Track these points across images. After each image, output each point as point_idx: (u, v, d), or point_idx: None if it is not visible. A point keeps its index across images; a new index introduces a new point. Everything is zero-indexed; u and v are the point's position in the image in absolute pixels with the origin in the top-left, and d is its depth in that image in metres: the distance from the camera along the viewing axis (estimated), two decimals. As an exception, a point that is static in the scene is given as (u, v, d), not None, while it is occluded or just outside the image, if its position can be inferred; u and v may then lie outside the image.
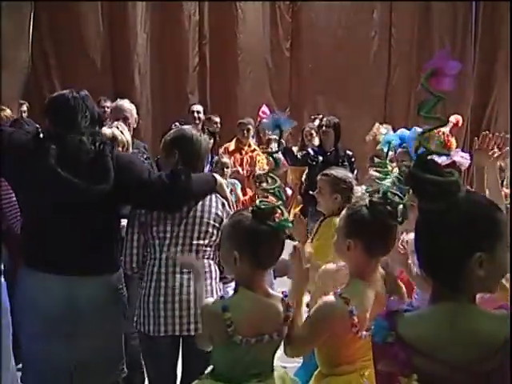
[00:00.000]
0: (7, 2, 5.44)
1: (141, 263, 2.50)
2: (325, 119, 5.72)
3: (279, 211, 1.91)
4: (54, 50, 7.76)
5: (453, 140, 5.49)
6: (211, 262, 2.51)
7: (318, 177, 3.28)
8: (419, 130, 4.92)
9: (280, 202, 1.92)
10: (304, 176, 5.70)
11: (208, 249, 2.51)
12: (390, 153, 2.62)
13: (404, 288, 2.27)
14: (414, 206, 2.31)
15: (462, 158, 5.37)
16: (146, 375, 2.70)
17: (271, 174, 2.00)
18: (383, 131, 5.14)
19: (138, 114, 4.44)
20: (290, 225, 1.93)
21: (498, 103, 9.27)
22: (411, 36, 9.43)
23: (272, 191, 1.95)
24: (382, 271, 2.16)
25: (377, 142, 5.24)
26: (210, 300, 2.03)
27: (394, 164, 4.58)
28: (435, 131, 5.16)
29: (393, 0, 9.26)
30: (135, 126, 4.33)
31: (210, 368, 2.02)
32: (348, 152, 5.52)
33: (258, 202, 1.91)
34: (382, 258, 2.11)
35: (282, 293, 2.01)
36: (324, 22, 9.19)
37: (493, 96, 9.36)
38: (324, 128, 5.49)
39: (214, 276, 2.49)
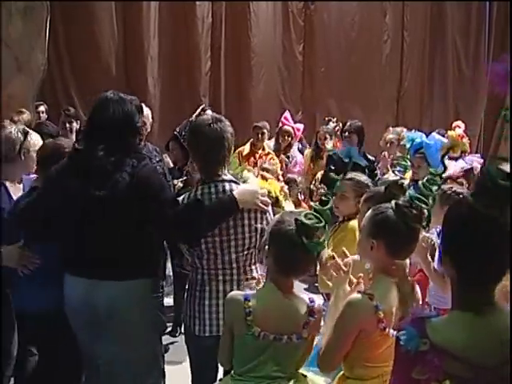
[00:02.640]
0: (24, 5, 5.51)
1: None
2: (348, 123, 5.68)
3: (320, 232, 1.97)
4: (69, 53, 7.81)
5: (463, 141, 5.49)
6: (257, 266, 2.60)
7: (341, 181, 3.27)
8: (438, 136, 4.88)
9: (323, 224, 1.98)
10: (316, 180, 5.67)
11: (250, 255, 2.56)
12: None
13: (419, 294, 2.27)
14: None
15: (478, 163, 5.39)
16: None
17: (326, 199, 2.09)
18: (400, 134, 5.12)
19: (152, 117, 4.49)
20: (322, 248, 1.98)
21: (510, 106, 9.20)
22: (424, 39, 9.41)
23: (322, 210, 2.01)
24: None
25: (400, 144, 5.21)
26: (235, 291, 2.16)
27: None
28: (456, 135, 5.07)
29: (405, 0, 9.24)
30: (149, 129, 4.37)
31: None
32: (370, 157, 5.44)
33: (303, 215, 1.97)
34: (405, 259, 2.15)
35: (309, 298, 2.06)
36: (336, 25, 9.18)
37: (507, 99, 9.29)
38: (347, 133, 5.46)
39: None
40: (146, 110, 4.25)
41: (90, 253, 2.44)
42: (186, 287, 2.73)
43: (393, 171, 4.69)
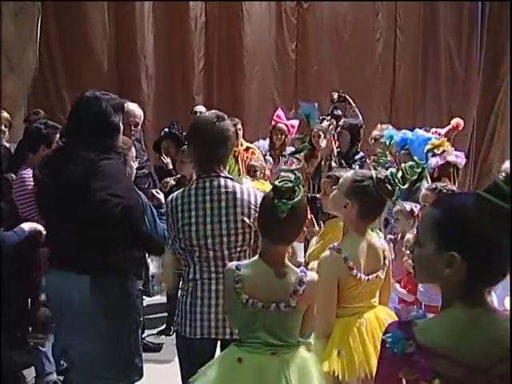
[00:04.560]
0: (15, 5, 5.49)
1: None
2: (342, 120, 5.68)
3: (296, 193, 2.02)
4: (61, 53, 7.78)
5: (446, 141, 5.51)
6: None
7: (323, 179, 3.33)
8: (421, 131, 4.97)
9: (297, 184, 2.04)
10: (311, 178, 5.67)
11: (244, 252, 2.52)
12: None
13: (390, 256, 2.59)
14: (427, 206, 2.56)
15: (456, 157, 5.40)
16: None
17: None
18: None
19: (144, 115, 4.48)
20: (289, 207, 2.00)
21: (503, 106, 9.26)
22: (416, 38, 9.44)
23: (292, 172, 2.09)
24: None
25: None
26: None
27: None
28: (431, 132, 5.20)
29: (398, 0, 9.27)
30: (141, 129, 4.37)
31: None
32: (361, 153, 5.45)
33: (277, 181, 2.05)
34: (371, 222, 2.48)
35: (300, 269, 2.11)
36: (329, 24, 9.20)
37: (498, 98, 9.35)
38: (339, 129, 5.47)
39: None
40: (141, 112, 4.23)
41: (66, 246, 2.54)
42: (180, 286, 2.74)
43: (374, 168, 4.70)
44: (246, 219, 2.46)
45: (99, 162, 2.45)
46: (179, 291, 2.70)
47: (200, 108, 6.55)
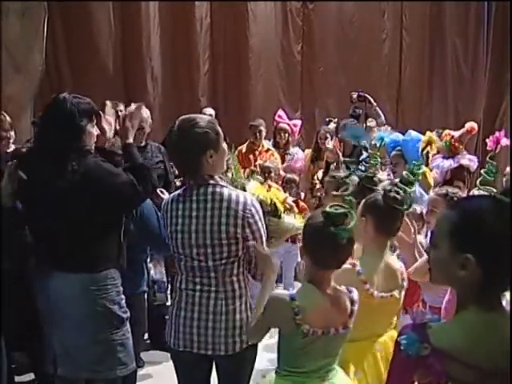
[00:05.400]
0: (22, 5, 5.49)
1: None
2: (341, 124, 5.66)
3: (349, 218, 2.00)
4: (67, 54, 7.79)
5: (460, 145, 5.50)
6: (240, 278, 2.40)
7: (326, 179, 3.34)
8: (414, 133, 4.97)
9: (350, 209, 2.02)
10: (317, 179, 5.66)
11: (231, 264, 2.36)
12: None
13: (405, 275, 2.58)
14: (435, 211, 2.78)
15: (469, 160, 5.39)
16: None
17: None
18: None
19: (151, 118, 4.47)
20: (350, 234, 2.00)
21: (510, 107, 9.21)
22: (422, 39, 9.42)
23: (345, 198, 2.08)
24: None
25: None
26: (275, 291, 2.16)
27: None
28: (444, 134, 5.22)
29: (404, 0, 9.24)
30: (149, 130, 4.36)
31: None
32: (365, 154, 5.44)
33: (329, 206, 2.02)
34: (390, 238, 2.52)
35: (347, 288, 2.12)
36: (335, 25, 9.19)
37: (505, 100, 9.31)
38: (340, 136, 5.44)
39: (248, 293, 2.43)
40: (147, 113, 4.22)
41: (55, 245, 2.65)
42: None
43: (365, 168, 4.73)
44: (231, 228, 2.29)
45: (82, 164, 2.58)
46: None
47: (209, 110, 6.55)
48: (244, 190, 2.58)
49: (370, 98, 6.43)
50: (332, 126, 6.32)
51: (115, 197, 2.62)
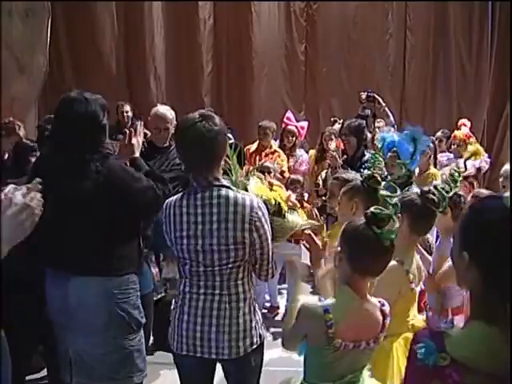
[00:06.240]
0: (25, 6, 5.49)
1: None
2: (344, 125, 5.63)
3: (391, 221, 1.92)
4: (70, 54, 7.81)
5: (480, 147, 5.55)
6: (245, 281, 2.35)
7: (330, 181, 3.31)
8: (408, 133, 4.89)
9: (391, 213, 1.94)
10: (320, 180, 5.65)
11: (236, 269, 2.32)
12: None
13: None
14: (447, 214, 2.75)
15: (485, 162, 5.43)
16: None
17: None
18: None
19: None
20: (393, 236, 1.92)
21: (510, 107, 9.17)
22: (426, 38, 9.38)
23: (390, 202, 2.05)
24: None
25: None
26: (307, 298, 2.04)
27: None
28: (462, 135, 5.14)
29: (408, 0, 9.22)
30: (173, 131, 4.30)
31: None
32: (367, 155, 5.40)
33: (372, 208, 1.92)
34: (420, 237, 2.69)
35: (379, 301, 2.01)
36: (338, 25, 9.17)
37: (508, 100, 9.26)
38: (344, 136, 5.41)
39: (252, 296, 2.40)
40: (171, 113, 4.12)
41: (63, 249, 2.56)
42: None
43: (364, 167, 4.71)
44: (238, 233, 2.23)
45: (106, 166, 2.52)
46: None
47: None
48: (246, 189, 2.50)
49: (379, 99, 6.38)
50: (337, 126, 6.29)
51: (139, 200, 2.60)
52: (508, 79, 8.66)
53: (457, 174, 2.68)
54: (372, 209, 1.90)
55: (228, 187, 2.30)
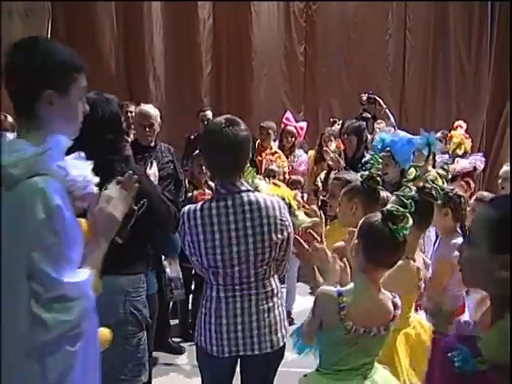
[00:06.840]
0: (25, 7, 5.49)
1: None
2: (345, 125, 5.63)
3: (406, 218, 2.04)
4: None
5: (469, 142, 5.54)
6: (275, 277, 2.47)
7: (330, 181, 3.31)
8: (403, 133, 4.96)
9: (408, 210, 2.05)
10: (319, 181, 5.65)
11: (269, 268, 2.41)
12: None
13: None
14: (447, 215, 2.90)
15: (480, 162, 5.43)
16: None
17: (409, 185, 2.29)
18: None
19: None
20: (407, 232, 2.05)
21: (510, 107, 9.18)
22: (426, 39, 9.38)
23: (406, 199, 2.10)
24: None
25: None
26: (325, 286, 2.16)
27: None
28: (460, 135, 5.20)
29: (408, 0, 9.22)
30: (159, 129, 4.35)
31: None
32: (368, 156, 5.39)
33: (389, 206, 2.07)
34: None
35: (392, 294, 2.14)
36: (338, 25, 9.16)
37: (508, 99, 9.27)
38: (345, 136, 5.42)
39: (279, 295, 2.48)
40: (156, 111, 4.24)
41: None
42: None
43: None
44: (273, 235, 2.31)
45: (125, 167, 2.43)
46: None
47: (208, 114, 6.40)
48: (257, 190, 2.59)
49: (380, 100, 6.39)
50: (336, 127, 6.28)
51: (158, 207, 2.60)
52: (508, 79, 8.66)
53: (446, 165, 2.75)
54: (389, 206, 2.05)
55: (253, 191, 2.37)
